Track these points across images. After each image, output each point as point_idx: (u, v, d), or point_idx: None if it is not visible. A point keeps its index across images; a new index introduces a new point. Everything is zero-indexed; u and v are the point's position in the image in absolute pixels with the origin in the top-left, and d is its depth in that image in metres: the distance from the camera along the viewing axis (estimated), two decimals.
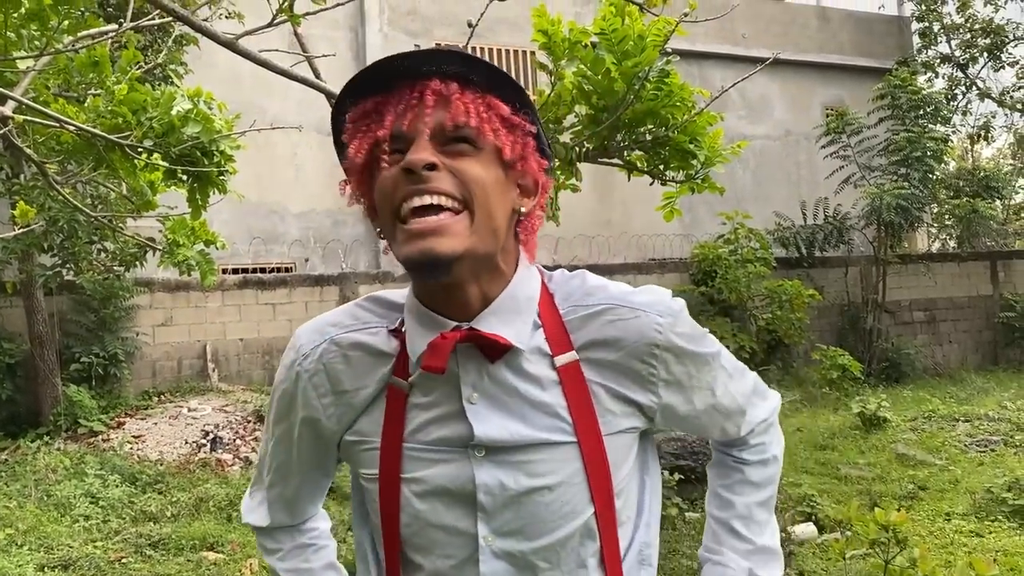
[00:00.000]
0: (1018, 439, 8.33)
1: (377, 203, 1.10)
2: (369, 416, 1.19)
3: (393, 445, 1.16)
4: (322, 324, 1.23)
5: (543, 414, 1.14)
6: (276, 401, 1.28)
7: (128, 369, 9.71)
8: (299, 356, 1.22)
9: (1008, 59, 16.19)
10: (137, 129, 3.31)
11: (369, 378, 1.18)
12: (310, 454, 1.28)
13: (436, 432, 1.15)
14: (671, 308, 1.21)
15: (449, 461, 1.14)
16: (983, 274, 15.46)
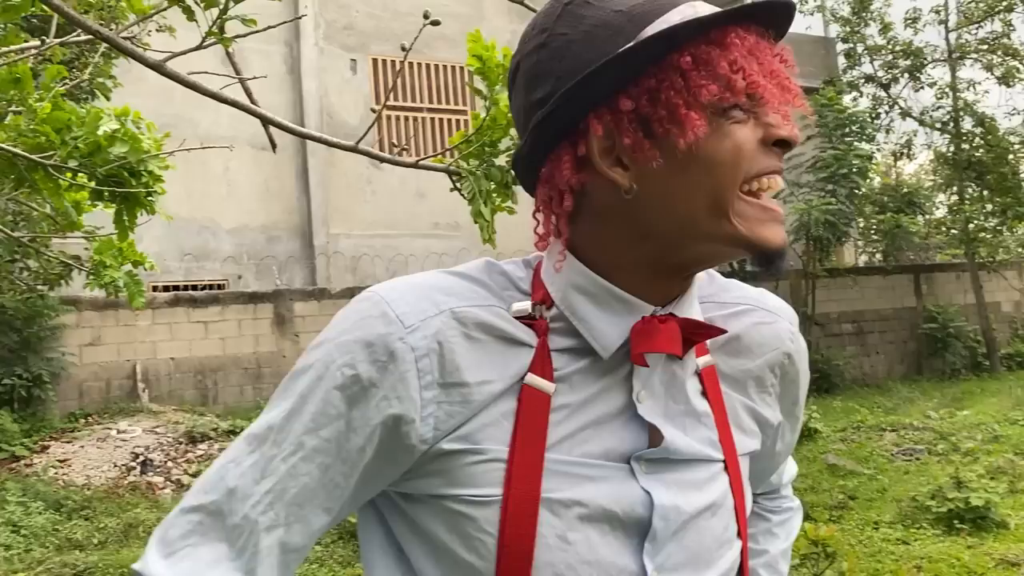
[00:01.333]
0: (941, 448, 8.62)
1: (719, 161, 0.83)
2: (488, 419, 0.87)
3: (531, 457, 0.86)
4: (427, 290, 0.89)
5: (699, 424, 0.95)
6: (323, 393, 0.86)
7: (53, 391, 9.41)
8: (398, 328, 0.86)
9: (927, 80, 16.81)
10: (61, 149, 3.22)
11: (498, 371, 0.88)
12: (366, 476, 0.88)
13: (592, 442, 0.89)
14: (795, 317, 1.09)
15: (609, 478, 0.88)
16: (907, 287, 15.98)
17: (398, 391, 0.85)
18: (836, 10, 17.37)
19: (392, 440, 0.86)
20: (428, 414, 0.85)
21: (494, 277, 0.94)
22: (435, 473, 0.87)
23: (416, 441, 0.86)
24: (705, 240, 0.86)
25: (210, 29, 2.14)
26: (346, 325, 0.88)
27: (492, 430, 0.87)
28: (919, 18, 16.81)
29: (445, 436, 0.86)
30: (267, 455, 0.87)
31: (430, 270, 0.95)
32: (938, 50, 16.69)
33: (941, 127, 16.71)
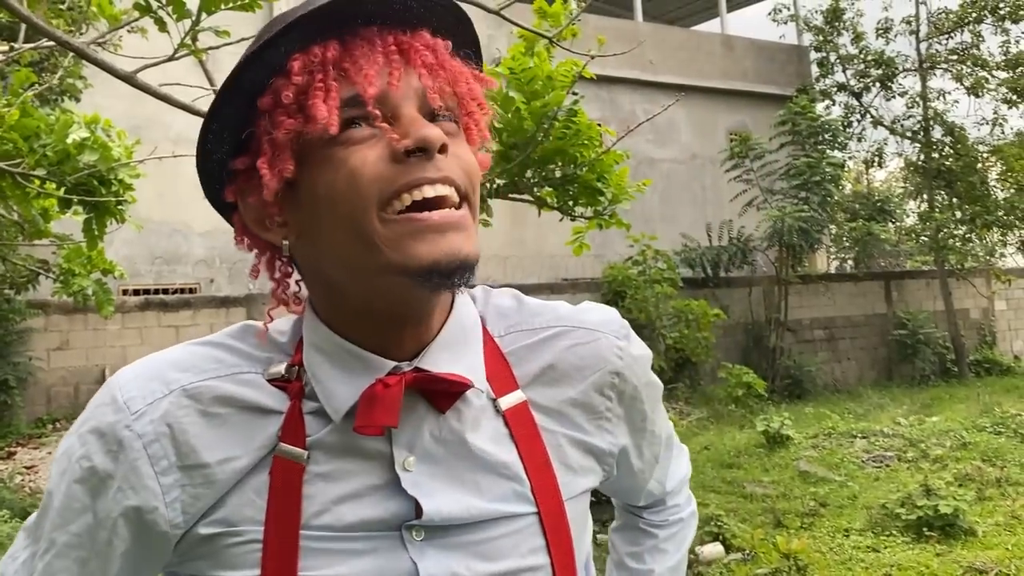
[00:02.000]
0: (910, 455, 8.70)
1: (340, 190, 0.76)
2: (239, 498, 0.82)
3: (286, 534, 0.80)
4: (161, 367, 0.84)
5: (498, 477, 0.85)
6: (65, 487, 0.83)
7: (20, 395, 9.27)
8: (125, 415, 0.81)
9: (898, 89, 17.04)
10: (30, 156, 3.17)
11: (242, 445, 0.82)
12: (126, 564, 0.84)
13: (352, 512, 0.81)
14: (624, 326, 0.98)
15: (374, 551, 0.81)
16: (878, 293, 16.16)
17: (131, 481, 0.81)
18: (809, 19, 17.56)
19: (140, 530, 0.82)
20: (173, 499, 0.81)
21: (249, 341, 0.88)
22: (201, 556, 0.83)
23: (167, 527, 0.82)
24: (375, 275, 0.78)
25: (182, 41, 2.11)
26: (87, 414, 0.85)
27: (246, 509, 0.82)
28: (891, 28, 17.06)
29: (198, 520, 0.82)
30: (30, 551, 0.86)
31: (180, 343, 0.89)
32: (909, 60, 16.94)
33: (912, 136, 16.94)
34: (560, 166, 3.20)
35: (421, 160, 0.76)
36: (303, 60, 0.77)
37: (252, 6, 2.06)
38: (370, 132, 0.77)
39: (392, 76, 0.77)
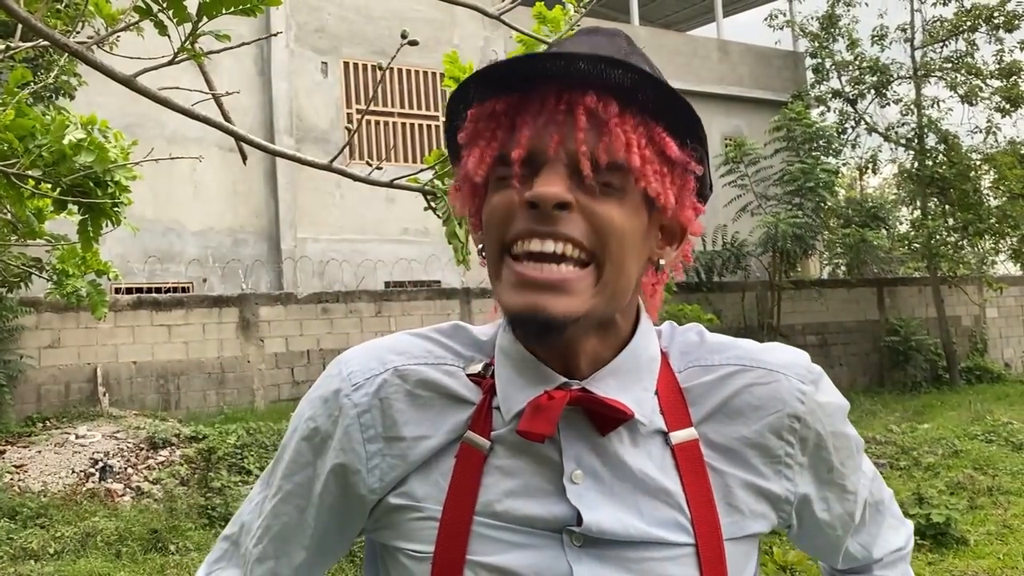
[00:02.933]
0: (903, 462, 8.72)
1: (485, 225, 0.89)
2: (426, 476, 0.91)
3: (461, 518, 0.88)
4: (380, 350, 0.96)
5: (660, 504, 0.89)
6: (295, 443, 0.97)
7: (10, 394, 9.21)
8: (346, 385, 0.93)
9: (893, 96, 17.08)
10: (25, 157, 3.14)
11: (436, 427, 0.91)
12: (332, 518, 0.97)
13: (521, 508, 0.88)
14: (812, 371, 0.97)
15: (536, 547, 0.87)
16: (871, 299, 16.20)
17: (343, 443, 0.93)
18: (805, 25, 17.59)
19: (344, 488, 0.94)
20: (373, 466, 0.92)
21: (458, 338, 0.98)
22: (389, 526, 0.94)
23: (365, 491, 0.93)
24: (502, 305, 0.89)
25: (183, 45, 2.09)
26: (318, 383, 0.99)
27: (430, 488, 0.91)
28: (886, 35, 17.09)
29: (391, 490, 0.92)
30: (263, 495, 1.02)
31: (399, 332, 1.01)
32: (904, 67, 16.99)
33: (906, 143, 16.99)
34: None
35: (536, 214, 0.83)
36: (477, 110, 0.89)
37: (254, 11, 2.04)
38: (516, 181, 0.85)
39: (551, 137, 0.83)
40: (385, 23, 13.97)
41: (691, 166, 0.90)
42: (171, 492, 7.74)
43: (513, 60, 0.86)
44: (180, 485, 7.99)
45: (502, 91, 0.87)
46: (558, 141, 0.83)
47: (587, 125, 0.83)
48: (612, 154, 0.83)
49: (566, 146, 0.83)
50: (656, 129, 0.87)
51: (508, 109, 0.87)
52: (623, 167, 0.84)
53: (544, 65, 0.85)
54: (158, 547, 6.39)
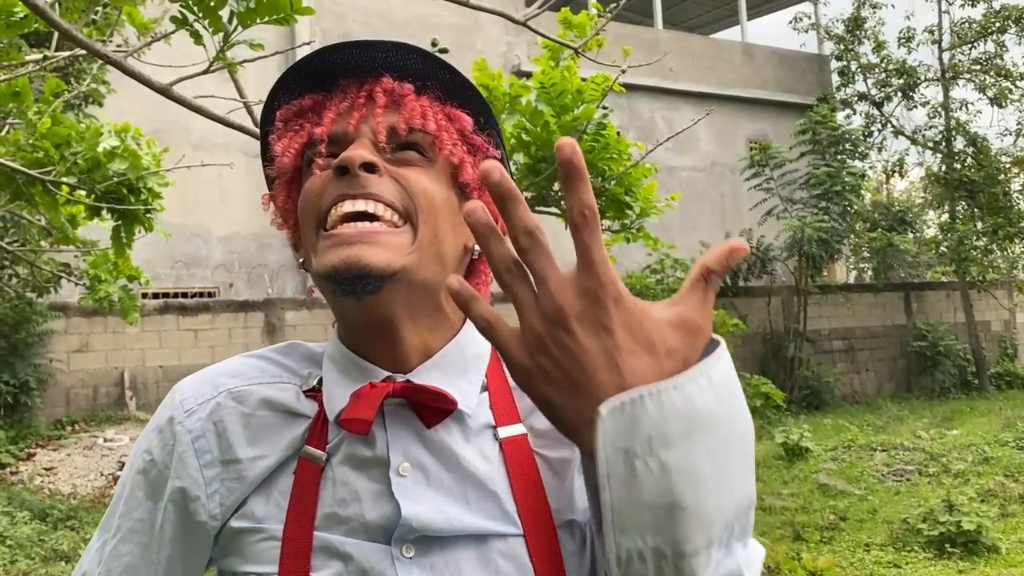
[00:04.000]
0: (932, 469, 8.62)
1: (300, 214, 0.90)
2: (266, 496, 0.89)
3: (301, 534, 0.86)
4: (213, 375, 0.95)
5: (487, 496, 0.88)
6: (132, 478, 0.95)
7: (40, 397, 9.33)
8: (179, 412, 0.92)
9: (920, 99, 16.92)
10: (60, 164, 3.19)
11: (273, 445, 0.90)
12: (176, 550, 0.93)
13: (354, 515, 0.86)
14: None
15: (366, 560, 0.85)
16: (898, 304, 16.03)
17: (179, 471, 0.91)
18: (831, 28, 17.47)
19: (184, 517, 0.91)
20: (213, 491, 0.90)
21: (293, 355, 0.98)
22: (234, 551, 0.90)
23: (206, 517, 0.90)
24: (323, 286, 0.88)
25: (218, 54, 2.11)
26: (154, 415, 0.98)
27: (270, 508, 0.89)
28: (913, 37, 16.95)
29: (232, 513, 0.90)
30: (102, 540, 0.98)
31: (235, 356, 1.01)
32: (931, 70, 16.83)
33: (933, 146, 16.82)
34: None
35: (347, 178, 0.86)
36: (285, 110, 0.94)
37: (287, 20, 2.06)
38: (326, 163, 0.88)
39: (352, 117, 0.89)
40: (408, 29, 14.03)
41: (490, 151, 0.95)
42: None
43: (313, 53, 0.91)
44: None
45: (306, 91, 0.93)
46: (359, 119, 0.89)
47: (386, 102, 0.90)
48: (410, 121, 0.89)
49: (368, 123, 0.89)
50: (450, 107, 0.93)
51: (315, 104, 0.92)
52: (423, 139, 0.90)
53: (343, 54, 0.91)
54: None
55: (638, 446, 0.60)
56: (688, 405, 0.61)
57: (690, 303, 0.65)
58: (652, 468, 0.60)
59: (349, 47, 0.91)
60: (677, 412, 0.60)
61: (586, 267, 0.62)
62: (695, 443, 0.61)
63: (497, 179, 0.60)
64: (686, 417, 0.61)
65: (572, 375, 0.62)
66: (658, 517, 0.62)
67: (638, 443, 0.60)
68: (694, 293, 0.66)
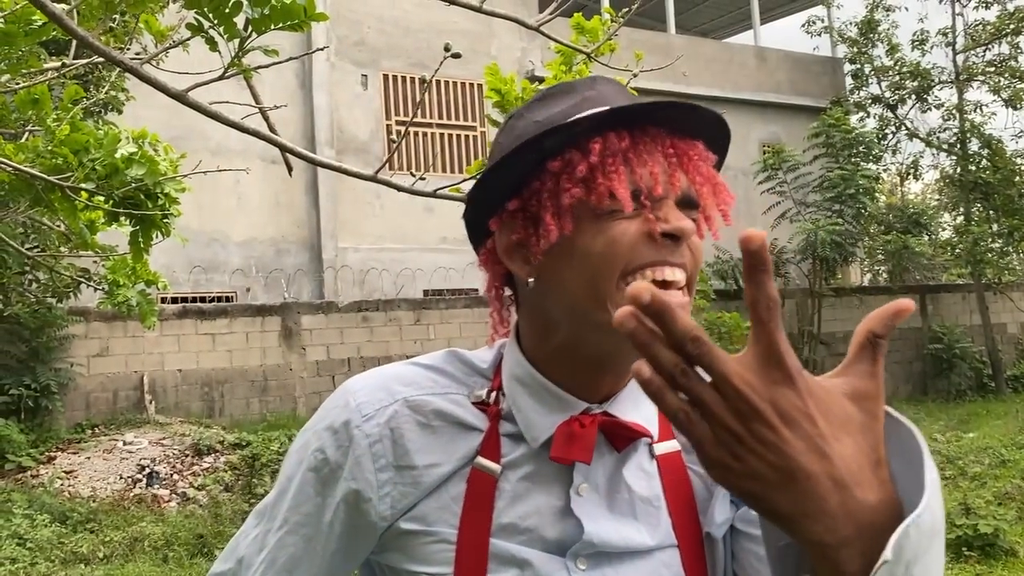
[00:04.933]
0: (948, 472, 8.58)
1: (600, 256, 0.88)
2: (437, 501, 0.94)
3: (478, 540, 0.91)
4: (387, 380, 0.99)
5: (651, 513, 0.94)
6: (301, 474, 0.99)
7: (61, 401, 9.43)
8: (357, 416, 0.96)
9: (934, 101, 16.85)
10: (79, 170, 3.25)
11: (446, 454, 0.95)
12: (340, 546, 0.98)
13: (533, 528, 0.92)
14: None
15: (546, 570, 0.91)
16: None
17: (355, 472, 0.95)
18: (844, 31, 17.43)
19: (355, 516, 0.96)
20: (385, 493, 0.94)
21: (456, 365, 1.02)
22: (398, 549, 0.96)
23: (376, 518, 0.95)
24: (595, 330, 0.89)
25: (232, 60, 2.16)
26: (322, 414, 1.01)
27: (443, 512, 0.94)
28: (927, 40, 16.88)
29: (402, 515, 0.95)
30: (264, 529, 1.02)
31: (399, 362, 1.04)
32: (945, 72, 16.76)
33: (948, 148, 16.74)
34: None
35: (670, 245, 0.88)
36: (602, 144, 0.90)
37: (301, 27, 2.11)
38: (634, 212, 0.88)
39: (673, 177, 0.90)
40: (424, 36, 14.11)
41: None
42: (216, 498, 7.88)
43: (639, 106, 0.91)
44: (224, 491, 8.13)
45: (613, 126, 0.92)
46: (676, 179, 0.90)
47: (696, 169, 0.91)
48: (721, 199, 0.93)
49: (681, 186, 0.90)
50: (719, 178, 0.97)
51: (631, 146, 0.91)
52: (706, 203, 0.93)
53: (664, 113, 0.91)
54: (204, 552, 6.52)
55: (899, 570, 0.60)
56: (934, 521, 0.61)
57: (860, 372, 0.65)
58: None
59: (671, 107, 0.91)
60: (927, 530, 0.60)
61: (776, 359, 0.62)
62: (932, 553, 0.63)
63: (648, 301, 0.59)
64: (929, 534, 0.61)
65: (781, 470, 0.60)
66: None
67: (899, 568, 0.59)
68: (862, 361, 0.65)
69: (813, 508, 0.60)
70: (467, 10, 2.53)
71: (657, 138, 0.91)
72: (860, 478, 0.61)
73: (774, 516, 0.63)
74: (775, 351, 0.62)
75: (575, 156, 0.91)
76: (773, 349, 0.62)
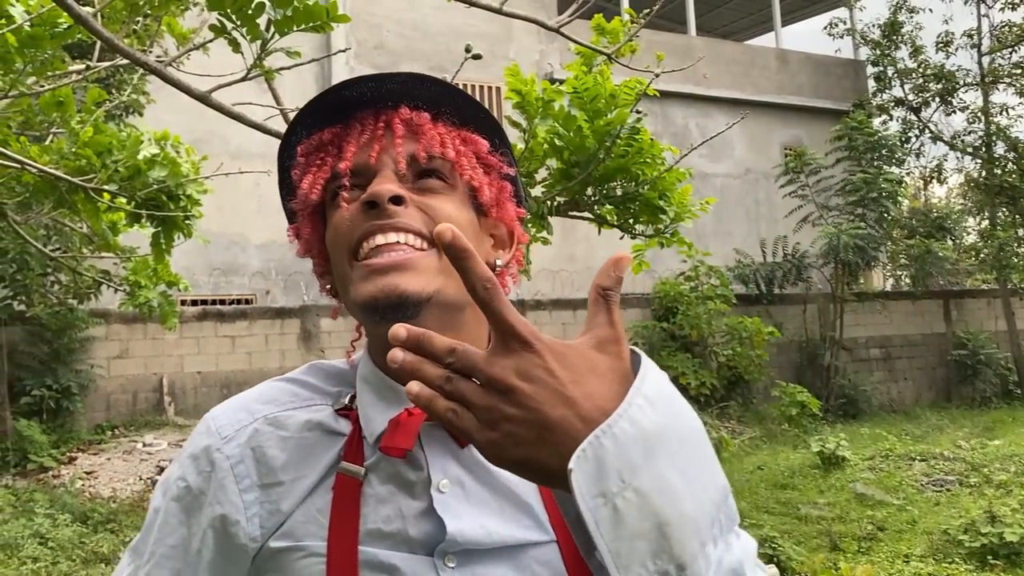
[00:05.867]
0: (973, 480, 8.46)
1: (330, 246, 0.94)
2: (304, 514, 0.91)
3: (346, 549, 0.88)
4: (247, 402, 0.98)
5: (520, 507, 0.91)
6: (166, 504, 0.95)
7: (81, 402, 9.49)
8: (216, 440, 0.94)
9: (959, 104, 16.69)
10: (102, 172, 3.26)
11: (311, 466, 0.92)
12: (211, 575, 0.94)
13: (396, 532, 0.89)
14: None
15: (411, 569, 0.87)
16: (936, 312, 15.77)
17: (219, 496, 0.92)
18: (867, 33, 17.29)
19: (224, 540, 0.92)
20: (252, 514, 0.91)
21: (319, 376, 1.01)
22: (273, 570, 0.92)
23: (246, 540, 0.91)
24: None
25: (256, 61, 2.15)
26: (186, 444, 0.99)
27: (311, 526, 0.90)
28: (951, 42, 16.72)
29: (272, 534, 0.91)
30: (135, 566, 0.98)
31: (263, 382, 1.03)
32: (970, 74, 16.57)
33: (973, 151, 16.55)
34: (621, 184, 3.19)
35: (376, 212, 0.89)
36: (306, 145, 0.96)
37: (323, 28, 2.09)
38: (352, 196, 0.92)
39: (373, 149, 0.92)
40: (442, 39, 14.13)
41: (503, 168, 0.99)
42: None
43: (329, 89, 0.93)
44: None
45: (324, 125, 0.95)
46: (379, 150, 0.91)
47: (404, 132, 0.92)
48: (430, 150, 0.92)
49: (389, 154, 0.92)
50: (465, 132, 0.97)
51: (334, 138, 0.94)
52: (442, 165, 0.93)
53: (359, 88, 0.93)
54: None
55: (612, 484, 0.63)
56: (638, 428, 0.64)
57: (599, 323, 0.70)
58: (630, 499, 0.63)
59: (363, 81, 0.93)
60: (631, 438, 0.64)
61: (509, 332, 0.66)
62: (657, 459, 0.65)
63: (404, 337, 0.65)
64: (640, 439, 0.64)
65: (535, 426, 0.65)
66: (651, 541, 0.64)
67: (611, 481, 0.63)
68: (598, 313, 0.70)
69: (569, 450, 0.63)
70: (485, 14, 2.50)
71: (364, 119, 0.94)
72: (607, 409, 0.65)
73: (547, 476, 0.66)
74: (506, 325, 0.66)
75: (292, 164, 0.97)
76: (504, 324, 0.66)
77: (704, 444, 0.71)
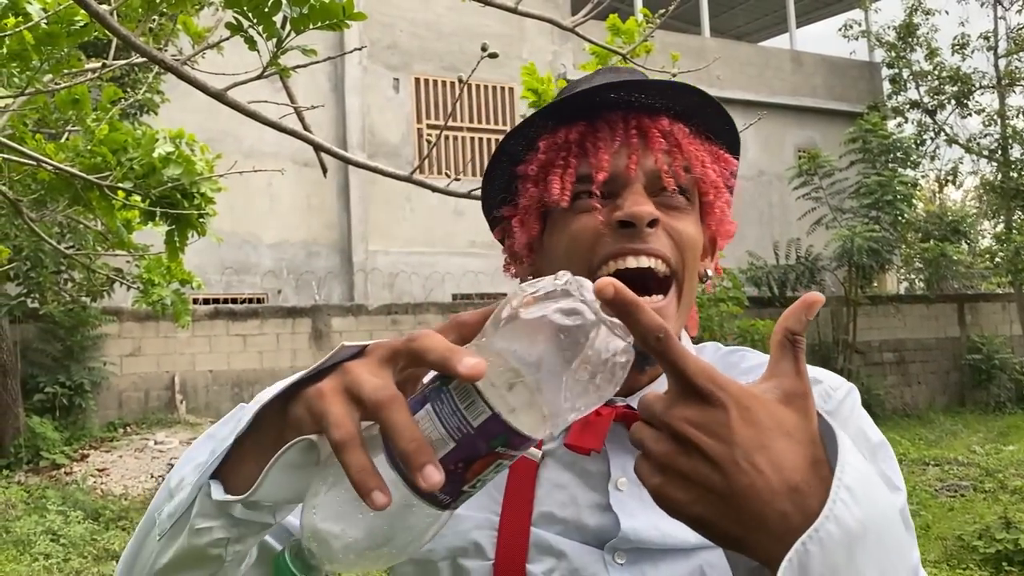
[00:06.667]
0: (988, 485, 8.39)
1: (562, 252, 0.91)
2: None
3: (519, 527, 0.89)
4: None
5: None
6: None
7: (94, 400, 9.54)
8: None
9: (975, 106, 16.56)
10: (117, 169, 3.25)
11: None
12: None
13: (571, 518, 0.90)
14: (845, 384, 0.98)
15: (580, 561, 0.88)
16: (951, 316, 15.67)
17: None
18: (882, 35, 17.20)
19: None
20: None
21: None
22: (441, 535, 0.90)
23: None
24: None
25: (272, 59, 2.14)
26: None
27: (483, 498, 0.89)
28: (967, 44, 16.61)
29: None
30: None
31: None
32: (987, 77, 16.46)
33: (989, 154, 16.44)
34: None
35: (629, 233, 0.86)
36: (549, 140, 0.92)
37: (340, 26, 2.08)
38: (597, 203, 0.89)
39: (630, 160, 0.88)
40: (456, 39, 14.13)
41: (731, 181, 0.96)
42: None
43: (584, 92, 0.90)
44: None
45: (567, 122, 0.92)
46: (636, 162, 0.88)
47: (662, 145, 0.89)
48: (691, 170, 0.89)
49: (643, 166, 0.88)
50: (714, 147, 0.93)
51: (579, 138, 0.90)
52: (690, 181, 0.90)
53: (617, 93, 0.90)
54: None
55: None
56: (843, 529, 0.59)
57: (785, 372, 0.64)
58: None
59: (629, 87, 0.90)
60: (837, 542, 0.58)
61: (686, 382, 0.61)
62: (857, 559, 0.59)
63: (611, 296, 0.60)
64: (845, 543, 0.58)
65: (714, 489, 0.60)
66: None
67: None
68: (783, 360, 0.64)
69: (755, 524, 0.59)
70: (498, 14, 2.49)
71: (614, 122, 0.90)
72: (797, 483, 0.59)
73: (726, 540, 0.62)
74: (685, 378, 0.61)
75: (531, 156, 0.93)
76: (684, 377, 0.61)
77: (897, 526, 0.64)
